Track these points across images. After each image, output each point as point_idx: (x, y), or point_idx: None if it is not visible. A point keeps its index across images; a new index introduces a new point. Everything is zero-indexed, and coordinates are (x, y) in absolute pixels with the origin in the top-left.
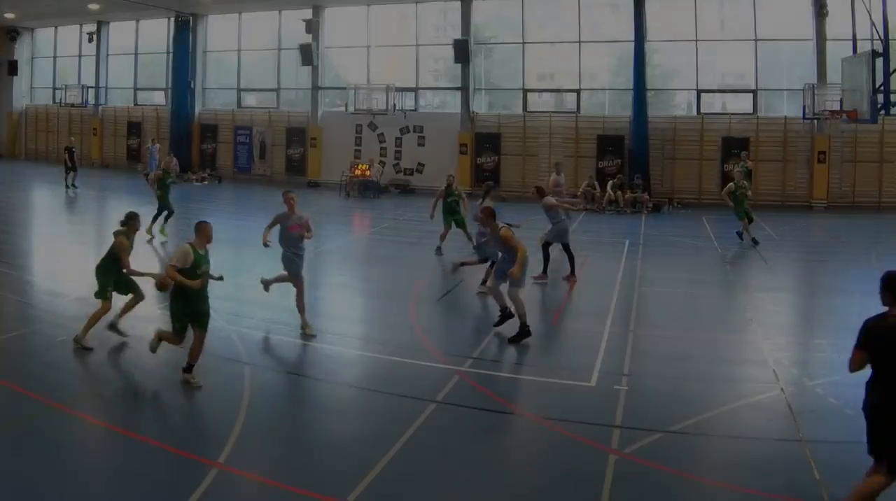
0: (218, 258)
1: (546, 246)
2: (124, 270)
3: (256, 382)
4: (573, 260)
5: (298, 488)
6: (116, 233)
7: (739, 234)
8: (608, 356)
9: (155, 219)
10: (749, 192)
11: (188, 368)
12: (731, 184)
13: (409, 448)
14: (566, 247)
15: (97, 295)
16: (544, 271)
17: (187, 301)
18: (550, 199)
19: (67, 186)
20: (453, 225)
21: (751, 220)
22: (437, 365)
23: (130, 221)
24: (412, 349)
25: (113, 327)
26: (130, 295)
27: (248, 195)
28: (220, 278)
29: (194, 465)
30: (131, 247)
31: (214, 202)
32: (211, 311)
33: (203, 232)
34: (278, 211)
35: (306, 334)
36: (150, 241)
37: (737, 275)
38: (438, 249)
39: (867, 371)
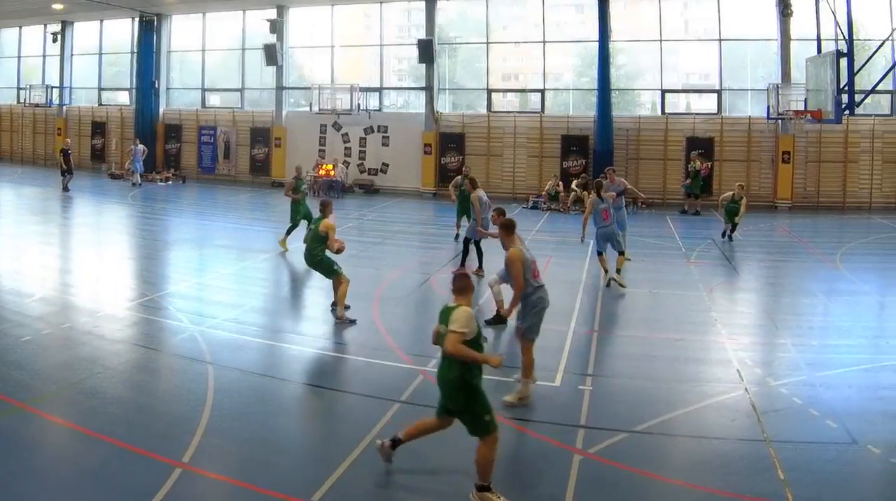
0: (182, 257)
1: (466, 242)
2: (330, 249)
3: (220, 382)
4: (481, 256)
5: (263, 488)
6: (318, 221)
7: (729, 237)
8: (573, 356)
9: (289, 231)
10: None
11: (486, 487)
12: (730, 193)
13: (374, 448)
14: (476, 244)
15: (330, 276)
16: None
17: (479, 380)
18: (480, 194)
19: (65, 188)
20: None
21: (733, 227)
22: (402, 364)
23: (325, 207)
24: (376, 349)
25: (337, 313)
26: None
27: (212, 195)
28: (485, 340)
29: (158, 465)
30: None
31: (178, 202)
32: (177, 312)
33: (472, 287)
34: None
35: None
36: (283, 254)
37: (701, 275)
38: (456, 236)
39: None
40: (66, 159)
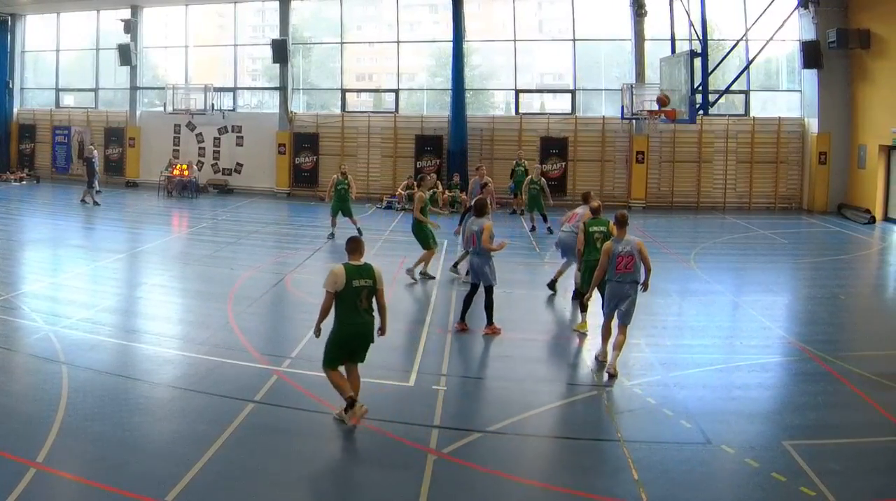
0: (37, 257)
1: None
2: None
3: (75, 382)
4: None
5: (117, 488)
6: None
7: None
8: (427, 356)
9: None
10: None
11: None
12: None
13: (228, 447)
14: None
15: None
16: None
17: None
18: None
19: (96, 202)
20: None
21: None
22: (256, 364)
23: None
24: (230, 349)
25: (416, 273)
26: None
27: (67, 195)
28: None
29: (11, 465)
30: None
31: (32, 202)
32: (31, 312)
33: None
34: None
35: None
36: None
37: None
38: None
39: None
40: (90, 168)
